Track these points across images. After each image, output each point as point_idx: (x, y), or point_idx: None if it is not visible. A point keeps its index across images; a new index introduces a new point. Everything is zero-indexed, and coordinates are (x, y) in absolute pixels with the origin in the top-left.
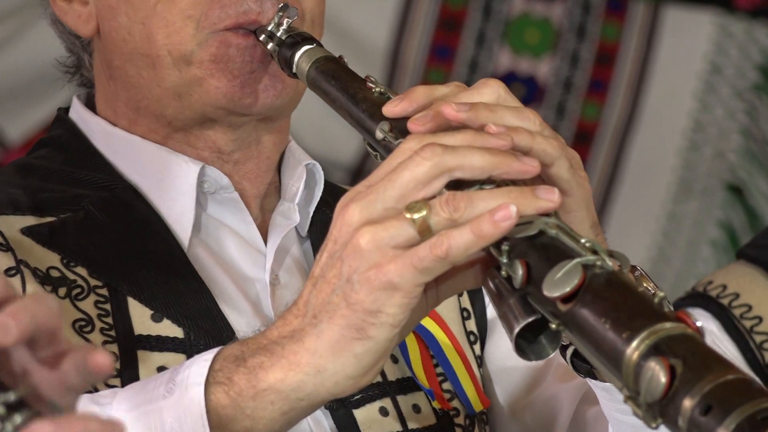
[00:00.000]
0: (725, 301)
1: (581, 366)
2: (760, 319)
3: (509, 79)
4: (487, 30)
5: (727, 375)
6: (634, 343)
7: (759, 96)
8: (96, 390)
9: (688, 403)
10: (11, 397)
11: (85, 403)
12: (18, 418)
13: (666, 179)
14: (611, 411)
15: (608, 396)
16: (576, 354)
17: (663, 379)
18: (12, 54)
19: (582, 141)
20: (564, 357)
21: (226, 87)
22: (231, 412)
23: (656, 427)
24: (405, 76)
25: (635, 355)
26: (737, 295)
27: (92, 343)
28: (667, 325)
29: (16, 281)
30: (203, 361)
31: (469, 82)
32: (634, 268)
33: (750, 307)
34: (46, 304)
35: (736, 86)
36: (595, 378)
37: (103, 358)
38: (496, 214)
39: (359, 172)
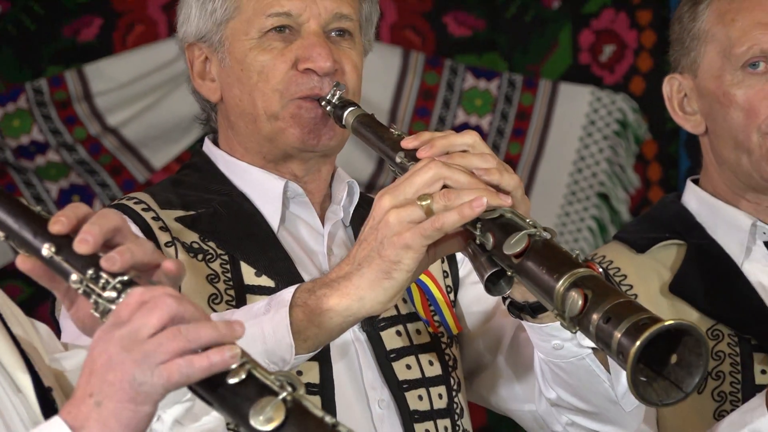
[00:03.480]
0: (605, 266)
1: (513, 311)
2: (625, 276)
3: (463, 128)
4: (450, 98)
5: (619, 299)
6: (561, 281)
7: (618, 139)
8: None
9: (595, 316)
10: (125, 277)
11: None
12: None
13: (561, 191)
14: (535, 339)
15: (532, 330)
16: (511, 303)
17: (579, 302)
18: (157, 112)
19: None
20: (504, 305)
21: (299, 134)
22: (305, 324)
23: (575, 332)
24: (400, 127)
25: (562, 288)
26: (612, 262)
27: (219, 291)
28: (581, 270)
29: (171, 250)
30: (288, 292)
31: (439, 131)
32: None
33: (619, 269)
34: (143, 247)
35: (603, 132)
36: (522, 319)
37: (170, 264)
38: (473, 202)
39: (371, 185)
